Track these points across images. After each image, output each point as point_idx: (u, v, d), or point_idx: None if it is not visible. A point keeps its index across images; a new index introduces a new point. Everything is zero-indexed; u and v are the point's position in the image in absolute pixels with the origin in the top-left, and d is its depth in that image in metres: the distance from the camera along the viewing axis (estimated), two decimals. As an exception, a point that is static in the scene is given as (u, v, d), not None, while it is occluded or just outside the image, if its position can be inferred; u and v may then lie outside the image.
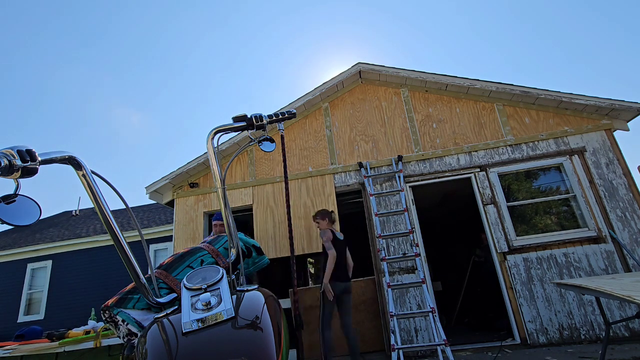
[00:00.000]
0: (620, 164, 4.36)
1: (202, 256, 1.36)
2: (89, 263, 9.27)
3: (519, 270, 4.16)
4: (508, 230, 4.31)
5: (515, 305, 4.07)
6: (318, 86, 5.31)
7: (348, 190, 4.97)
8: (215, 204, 5.15)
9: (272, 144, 1.47)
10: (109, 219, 0.97)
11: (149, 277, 1.17)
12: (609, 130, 4.55)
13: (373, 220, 4.54)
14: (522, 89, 4.71)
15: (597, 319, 3.86)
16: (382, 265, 4.29)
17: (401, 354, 3.56)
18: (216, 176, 1.30)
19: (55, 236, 10.04)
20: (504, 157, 4.64)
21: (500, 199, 4.45)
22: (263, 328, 0.86)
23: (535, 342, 3.90)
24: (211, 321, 0.88)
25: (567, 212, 4.45)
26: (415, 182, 4.75)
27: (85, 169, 0.93)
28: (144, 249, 1.06)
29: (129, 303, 1.18)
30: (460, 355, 3.83)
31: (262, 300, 0.99)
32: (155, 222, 9.69)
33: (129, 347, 1.09)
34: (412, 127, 5.04)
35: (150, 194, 5.26)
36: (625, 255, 4.03)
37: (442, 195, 6.60)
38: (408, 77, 5.13)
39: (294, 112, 1.54)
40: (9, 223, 0.80)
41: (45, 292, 9.21)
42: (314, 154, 5.19)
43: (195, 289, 1.00)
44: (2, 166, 0.72)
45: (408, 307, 4.24)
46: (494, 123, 4.85)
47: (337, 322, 3.67)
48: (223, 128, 1.34)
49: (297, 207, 4.88)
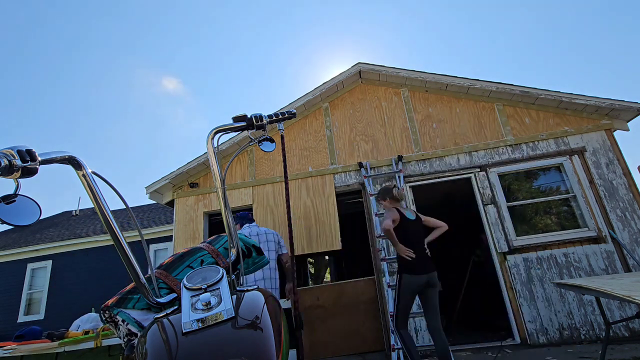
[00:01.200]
0: (620, 164, 4.37)
1: (202, 256, 1.36)
2: (88, 263, 9.28)
3: (519, 270, 4.16)
4: (508, 230, 4.31)
5: (515, 305, 4.07)
6: (318, 86, 5.31)
7: (348, 190, 4.97)
8: (215, 204, 5.15)
9: (272, 144, 1.47)
10: (109, 219, 0.97)
11: (149, 277, 1.17)
12: (609, 130, 4.55)
13: (373, 220, 4.54)
14: (522, 89, 4.71)
15: (597, 319, 3.86)
16: (382, 265, 4.29)
17: (401, 354, 3.56)
18: (216, 176, 1.30)
19: (55, 236, 10.04)
20: (504, 157, 4.64)
21: (500, 199, 4.45)
22: (263, 328, 0.86)
23: (535, 342, 3.90)
24: (211, 321, 0.88)
25: (567, 212, 4.45)
26: (415, 182, 4.75)
27: (85, 169, 0.93)
28: (144, 249, 1.06)
29: (129, 303, 1.17)
30: (460, 355, 3.83)
31: (262, 300, 0.99)
32: (155, 222, 9.70)
33: (129, 347, 1.09)
34: (412, 127, 5.04)
35: (150, 194, 5.26)
36: (625, 255, 4.03)
37: (442, 195, 6.60)
38: (408, 77, 5.14)
39: (294, 112, 1.54)
40: (9, 223, 0.80)
41: (45, 292, 9.21)
42: (314, 154, 5.19)
43: (195, 289, 1.00)
44: (2, 166, 0.72)
45: (408, 307, 4.24)
46: (494, 123, 4.85)
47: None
48: (223, 128, 1.34)
49: (297, 207, 4.88)
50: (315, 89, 5.28)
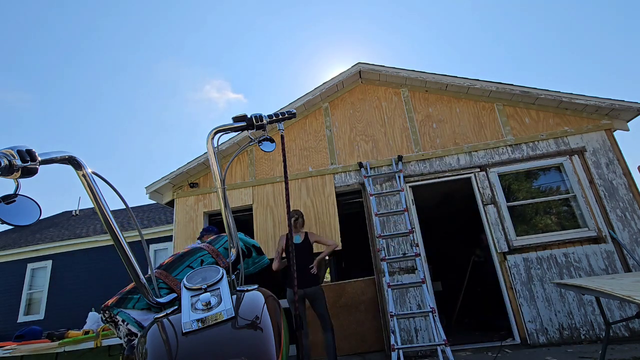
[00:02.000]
0: (620, 164, 4.36)
1: (202, 256, 1.36)
2: (88, 263, 9.27)
3: (519, 270, 4.16)
4: (508, 230, 4.31)
5: (515, 305, 4.07)
6: (318, 86, 5.31)
7: (348, 190, 4.97)
8: (215, 204, 5.15)
9: (272, 144, 1.47)
10: (109, 219, 0.97)
11: (149, 277, 1.17)
12: (609, 130, 4.55)
13: (373, 220, 4.54)
14: (522, 89, 4.71)
15: (597, 319, 3.86)
16: (382, 265, 4.29)
17: (401, 354, 3.56)
18: (216, 176, 1.30)
19: (55, 236, 10.04)
20: (504, 157, 4.64)
21: (500, 199, 4.45)
22: (263, 328, 0.86)
23: (535, 342, 3.90)
24: (211, 321, 0.88)
25: (567, 212, 4.45)
26: (415, 182, 4.75)
27: (85, 169, 0.93)
28: (144, 249, 1.06)
29: (129, 303, 1.18)
30: (460, 355, 3.83)
31: (262, 300, 0.99)
32: (155, 222, 9.69)
33: (129, 347, 1.09)
34: (412, 127, 5.04)
35: (150, 194, 5.26)
36: (625, 255, 4.03)
37: (442, 195, 6.60)
38: (408, 77, 5.13)
39: (294, 112, 1.54)
40: (9, 223, 0.80)
41: (45, 292, 9.21)
42: (314, 154, 5.19)
43: (195, 289, 1.00)
44: (2, 166, 0.72)
45: (408, 307, 4.24)
46: (494, 123, 4.85)
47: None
48: (223, 128, 1.34)
49: (297, 207, 4.88)
50: (315, 89, 5.28)
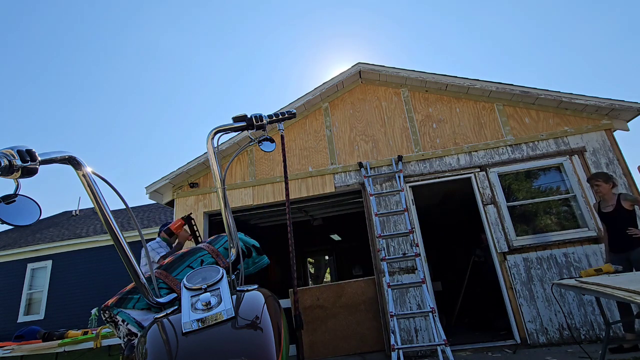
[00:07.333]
0: (620, 164, 4.36)
1: (202, 256, 1.36)
2: (89, 263, 9.27)
3: (519, 270, 4.16)
4: (508, 230, 4.31)
5: (515, 305, 4.07)
6: (318, 86, 5.31)
7: (348, 190, 4.97)
8: (215, 204, 5.15)
9: (272, 144, 1.47)
10: (109, 219, 0.97)
11: (149, 277, 1.17)
12: (609, 130, 4.55)
13: (373, 220, 4.54)
14: (521, 89, 4.71)
15: (597, 319, 3.86)
16: (382, 265, 4.29)
17: (401, 354, 3.56)
18: (216, 176, 1.30)
19: (55, 236, 10.04)
20: (504, 157, 4.64)
21: (500, 199, 4.45)
22: (263, 328, 0.86)
23: (535, 342, 3.90)
24: (211, 321, 0.88)
25: (567, 212, 4.45)
26: (415, 182, 4.75)
27: (85, 169, 0.93)
28: (144, 249, 1.06)
29: (129, 303, 1.18)
30: (460, 355, 3.83)
31: (262, 300, 0.99)
32: (155, 222, 9.70)
33: (129, 347, 1.09)
34: (412, 127, 5.04)
35: (150, 194, 5.26)
36: (625, 255, 4.03)
37: (442, 195, 6.60)
38: (408, 77, 5.13)
39: (294, 112, 1.54)
40: (9, 223, 0.80)
41: (45, 292, 9.20)
42: (314, 154, 5.19)
43: (195, 289, 1.00)
44: (2, 166, 0.72)
45: (408, 307, 4.24)
46: (494, 123, 4.85)
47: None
48: (223, 128, 1.34)
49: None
50: (315, 89, 5.28)
